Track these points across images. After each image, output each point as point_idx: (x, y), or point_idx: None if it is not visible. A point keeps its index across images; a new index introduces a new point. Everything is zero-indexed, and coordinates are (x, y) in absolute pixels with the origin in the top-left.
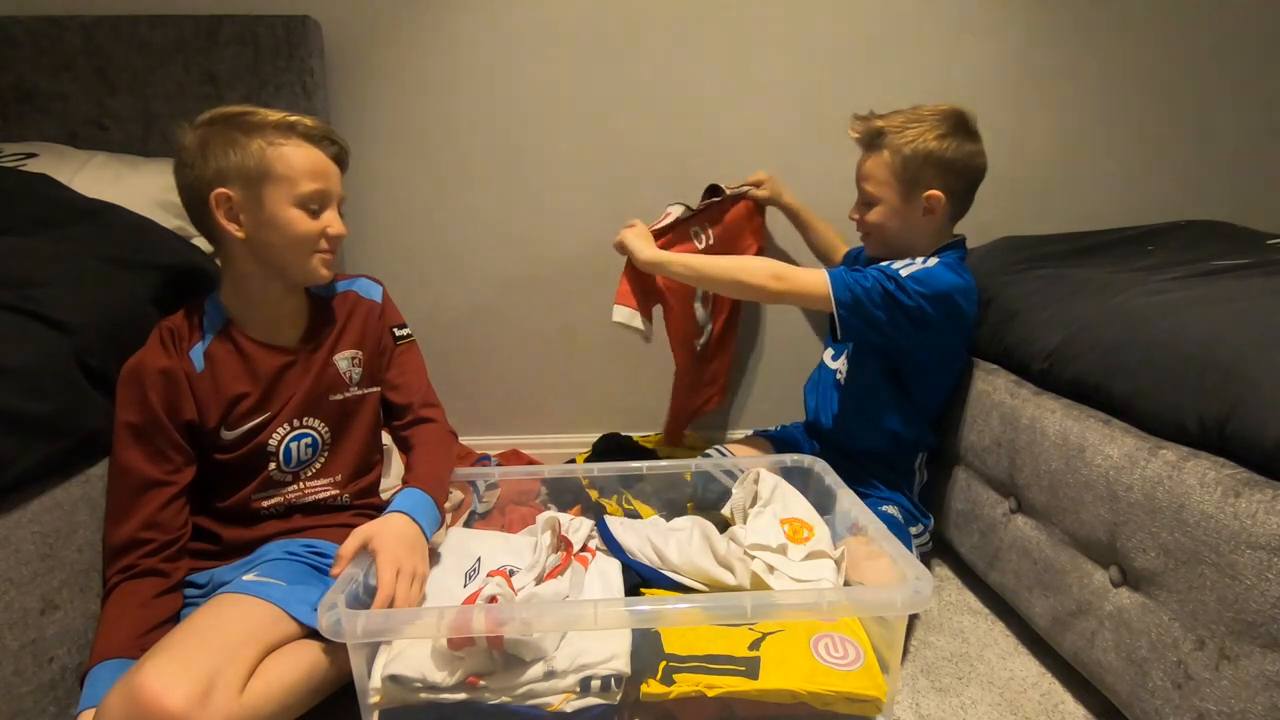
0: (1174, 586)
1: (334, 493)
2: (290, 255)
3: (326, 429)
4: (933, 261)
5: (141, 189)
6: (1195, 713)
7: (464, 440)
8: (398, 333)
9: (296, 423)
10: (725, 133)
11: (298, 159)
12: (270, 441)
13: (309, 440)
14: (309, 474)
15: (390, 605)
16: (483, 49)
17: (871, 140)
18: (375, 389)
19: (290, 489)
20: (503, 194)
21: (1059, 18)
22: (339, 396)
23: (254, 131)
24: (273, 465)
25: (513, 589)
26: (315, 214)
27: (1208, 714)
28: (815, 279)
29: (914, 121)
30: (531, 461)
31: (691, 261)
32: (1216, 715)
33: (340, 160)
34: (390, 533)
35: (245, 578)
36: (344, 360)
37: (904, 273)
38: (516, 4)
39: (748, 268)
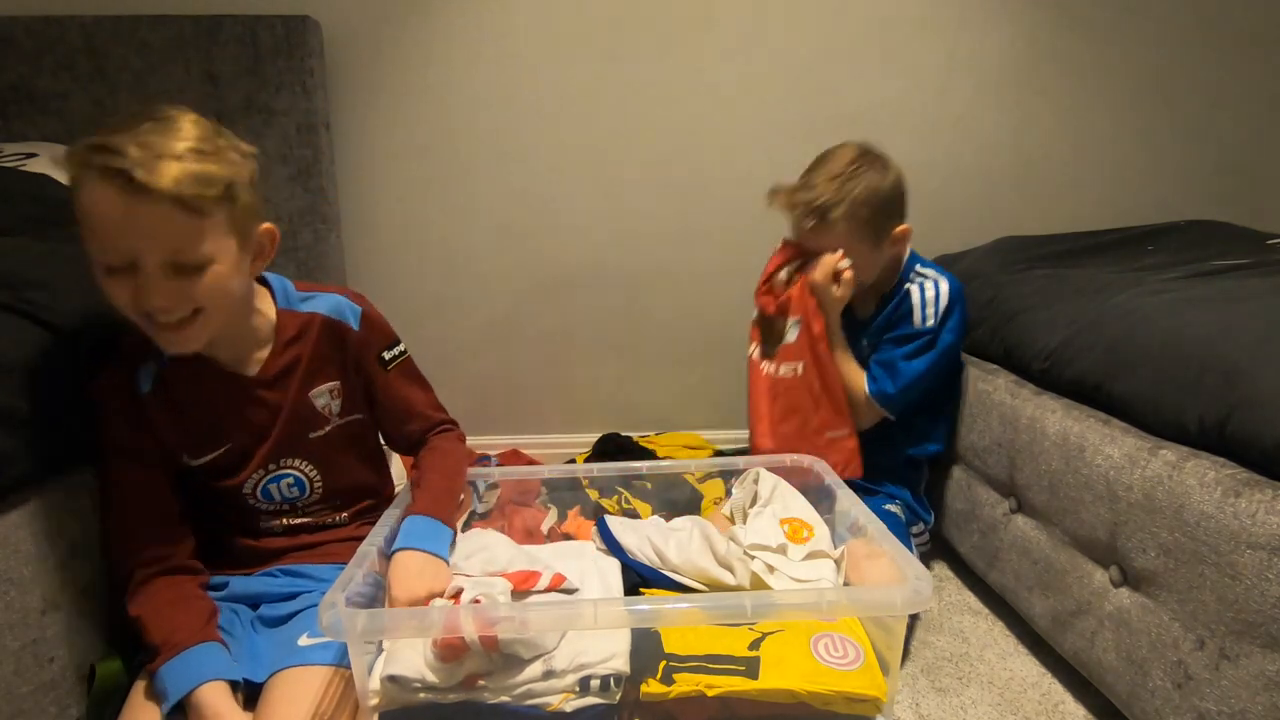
0: (1174, 586)
1: (334, 517)
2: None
3: (311, 467)
4: (943, 291)
5: None
6: (1195, 713)
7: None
8: (387, 356)
9: (273, 466)
10: (726, 133)
11: (87, 206)
12: (245, 486)
13: (291, 480)
14: (302, 504)
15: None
16: (483, 49)
17: (812, 214)
18: (359, 415)
19: (284, 517)
20: (503, 194)
21: (1058, 18)
22: (320, 433)
23: (73, 158)
24: (252, 503)
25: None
26: (125, 276)
27: (1208, 714)
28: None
29: (846, 180)
30: (531, 461)
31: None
32: (1216, 715)
33: (180, 201)
34: (400, 573)
35: (301, 643)
36: (322, 396)
37: (946, 337)
38: (516, 4)
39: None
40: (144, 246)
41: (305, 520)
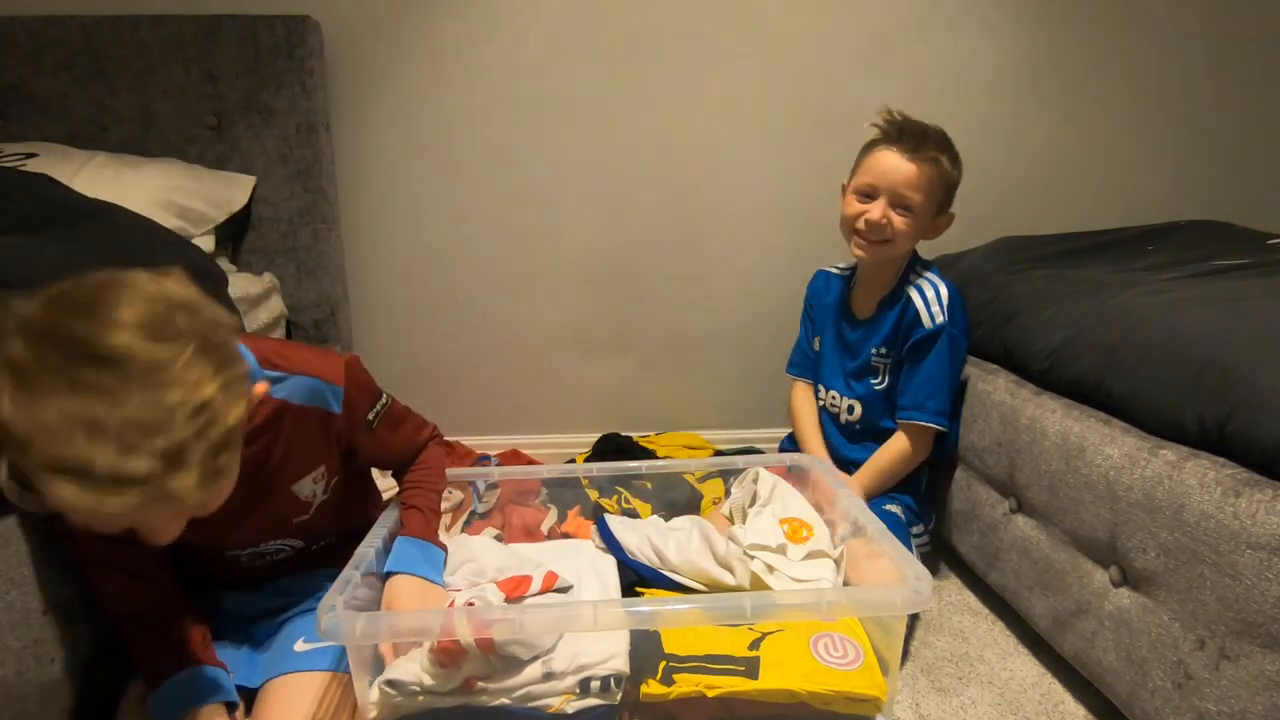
0: (1174, 586)
1: (322, 542)
2: None
3: (298, 540)
4: (943, 292)
5: (141, 189)
6: (1195, 713)
7: (464, 440)
8: (371, 416)
9: (252, 549)
10: (725, 134)
11: (77, 509)
12: (224, 553)
13: (274, 550)
14: (290, 548)
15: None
16: (482, 49)
17: (916, 144)
18: (339, 477)
19: (270, 556)
20: (502, 193)
21: (1058, 17)
22: (305, 517)
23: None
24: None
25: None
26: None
27: (1208, 714)
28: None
29: (948, 142)
30: (531, 461)
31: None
32: (1216, 715)
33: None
34: (396, 597)
35: (297, 648)
36: (306, 487)
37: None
38: (516, 5)
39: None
40: (153, 521)
41: (291, 556)
